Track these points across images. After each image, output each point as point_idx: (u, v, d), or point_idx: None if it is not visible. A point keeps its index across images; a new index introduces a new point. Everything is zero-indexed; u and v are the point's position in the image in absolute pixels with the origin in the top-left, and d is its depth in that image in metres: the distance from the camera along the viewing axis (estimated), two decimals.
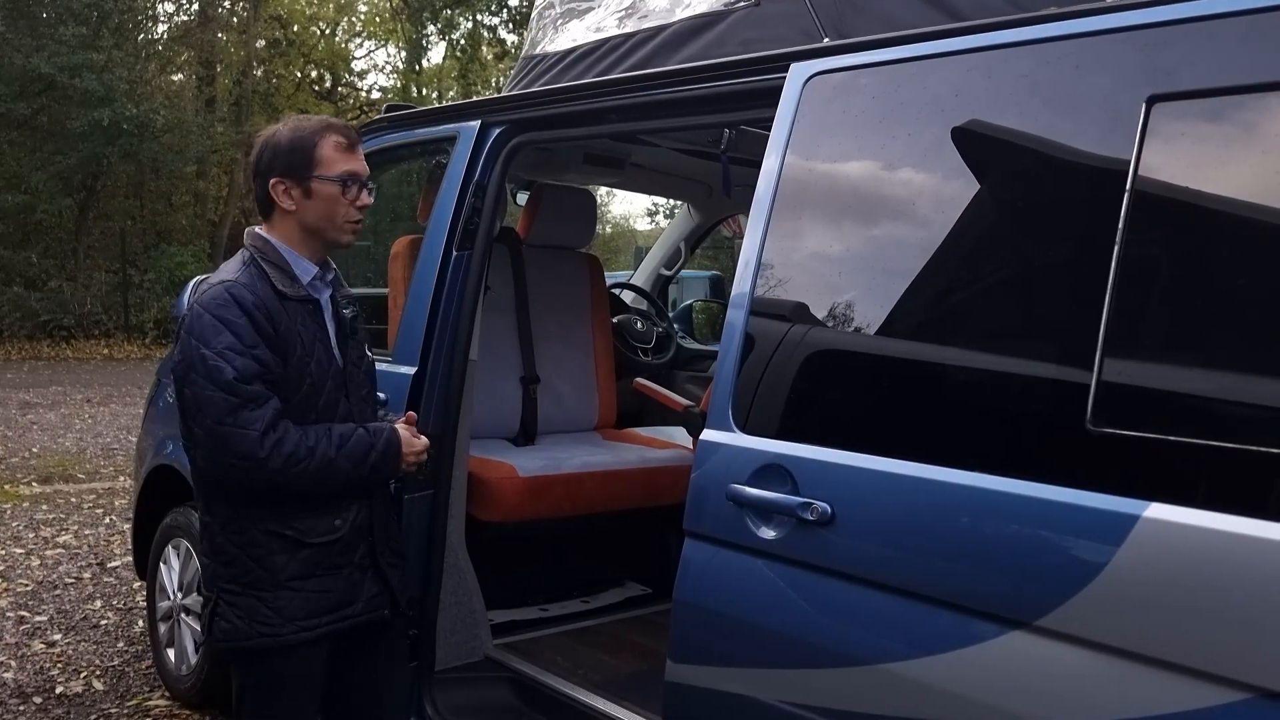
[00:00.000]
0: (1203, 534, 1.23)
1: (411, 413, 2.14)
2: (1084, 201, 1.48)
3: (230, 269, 1.93)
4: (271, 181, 1.93)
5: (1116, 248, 1.37)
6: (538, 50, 2.90)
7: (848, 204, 1.79)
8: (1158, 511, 1.27)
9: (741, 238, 5.28)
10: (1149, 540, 1.27)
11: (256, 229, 1.98)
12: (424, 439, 2.09)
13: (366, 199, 1.98)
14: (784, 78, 1.88)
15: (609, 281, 4.02)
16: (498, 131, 2.57)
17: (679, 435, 3.57)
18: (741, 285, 1.83)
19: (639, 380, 3.55)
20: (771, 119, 1.88)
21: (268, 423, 1.82)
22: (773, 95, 1.89)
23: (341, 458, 1.89)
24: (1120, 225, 1.37)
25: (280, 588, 1.90)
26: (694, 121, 2.29)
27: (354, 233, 1.99)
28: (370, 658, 2.11)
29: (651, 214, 28.04)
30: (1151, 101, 1.37)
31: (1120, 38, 1.43)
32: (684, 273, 4.97)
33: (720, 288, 9.65)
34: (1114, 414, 1.34)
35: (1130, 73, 1.42)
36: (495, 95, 2.84)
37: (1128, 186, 1.37)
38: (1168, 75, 1.37)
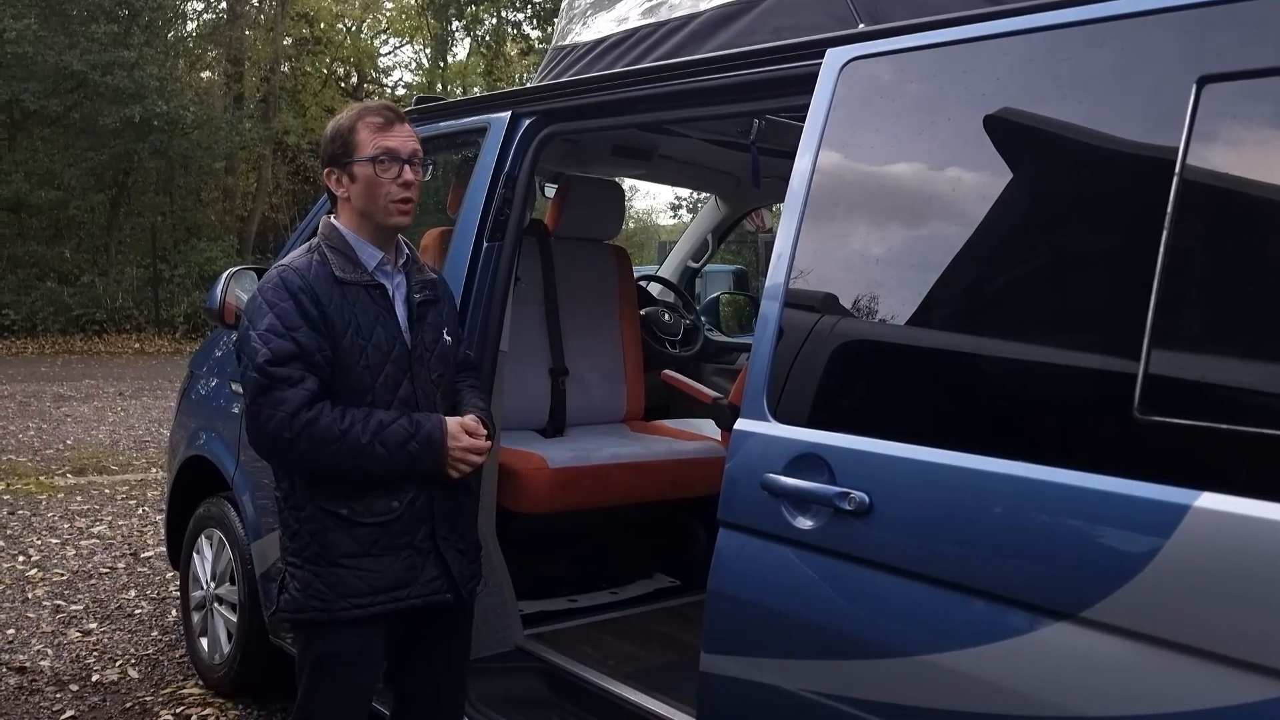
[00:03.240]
0: (1257, 524, 1.20)
1: (472, 415, 2.05)
2: (1131, 186, 1.45)
3: (294, 255, 2.00)
4: (325, 171, 2.03)
5: (1165, 233, 1.34)
6: (567, 41, 2.89)
7: (886, 192, 1.76)
8: (1209, 501, 1.24)
9: (764, 232, 5.20)
10: (1200, 530, 1.24)
11: (328, 217, 2.05)
12: (480, 440, 2.01)
13: (408, 174, 1.96)
14: (820, 64, 1.85)
15: (636, 274, 4.01)
16: (528, 122, 2.57)
17: (707, 427, 3.55)
18: (776, 275, 1.81)
19: (667, 372, 3.54)
20: (805, 107, 1.85)
21: (299, 404, 1.85)
22: (808, 82, 1.86)
23: (376, 443, 1.89)
24: (1169, 210, 1.34)
25: (334, 564, 1.93)
26: (727, 110, 2.27)
27: (403, 213, 1.98)
28: (438, 640, 2.12)
29: (675, 208, 27.99)
30: (1202, 83, 1.34)
31: (1169, 16, 1.40)
32: (708, 267, 4.96)
33: (744, 282, 9.61)
34: (1163, 402, 1.31)
35: (1179, 52, 1.38)
36: (525, 86, 2.83)
37: (1176, 171, 1.34)
38: (1219, 55, 1.34)
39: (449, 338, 2.10)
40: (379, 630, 1.99)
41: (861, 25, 1.94)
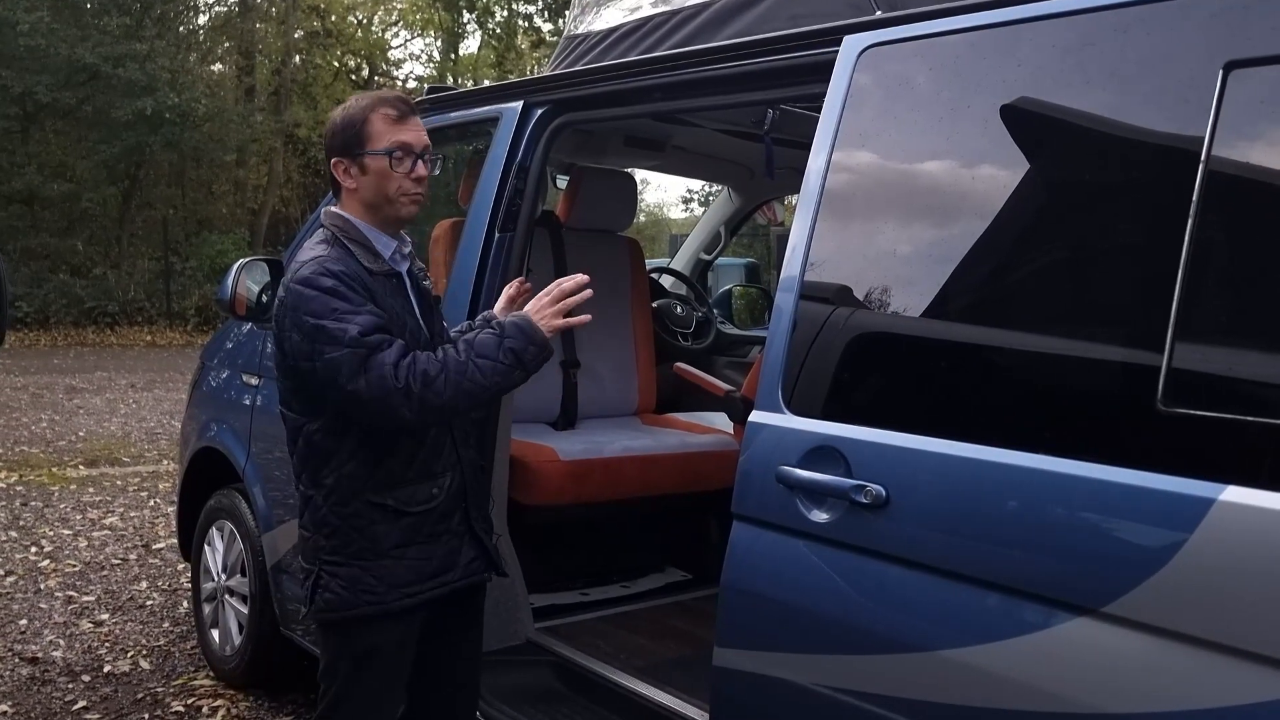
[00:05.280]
0: None
1: (516, 280, 2.14)
2: (1155, 176, 1.42)
3: (318, 249, 1.93)
4: (333, 161, 1.97)
5: (1190, 223, 1.31)
6: (580, 30, 2.87)
7: (904, 183, 1.74)
8: (1235, 495, 1.22)
9: (776, 225, 5.15)
10: (1226, 524, 1.22)
11: (333, 208, 2.01)
12: (558, 289, 2.03)
13: (421, 170, 1.95)
14: (836, 51, 1.83)
15: (648, 267, 3.99)
16: (540, 112, 2.55)
17: (719, 420, 3.54)
18: (791, 266, 1.79)
19: (679, 365, 3.52)
20: (822, 95, 1.83)
21: (397, 356, 1.83)
22: (824, 70, 1.84)
23: (474, 358, 1.87)
24: (1194, 200, 1.31)
25: (383, 557, 1.93)
26: (741, 99, 2.25)
27: (415, 204, 1.97)
28: (467, 625, 2.15)
29: (686, 201, 27.96)
30: (1229, 69, 1.31)
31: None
32: (720, 260, 4.94)
33: (756, 274, 9.58)
34: (1187, 394, 1.29)
35: (1206, 37, 1.35)
36: (538, 75, 2.81)
37: (1202, 160, 1.31)
38: (1247, 40, 1.31)
39: (445, 324, 2.13)
40: (418, 620, 2.00)
41: (879, 12, 1.92)
